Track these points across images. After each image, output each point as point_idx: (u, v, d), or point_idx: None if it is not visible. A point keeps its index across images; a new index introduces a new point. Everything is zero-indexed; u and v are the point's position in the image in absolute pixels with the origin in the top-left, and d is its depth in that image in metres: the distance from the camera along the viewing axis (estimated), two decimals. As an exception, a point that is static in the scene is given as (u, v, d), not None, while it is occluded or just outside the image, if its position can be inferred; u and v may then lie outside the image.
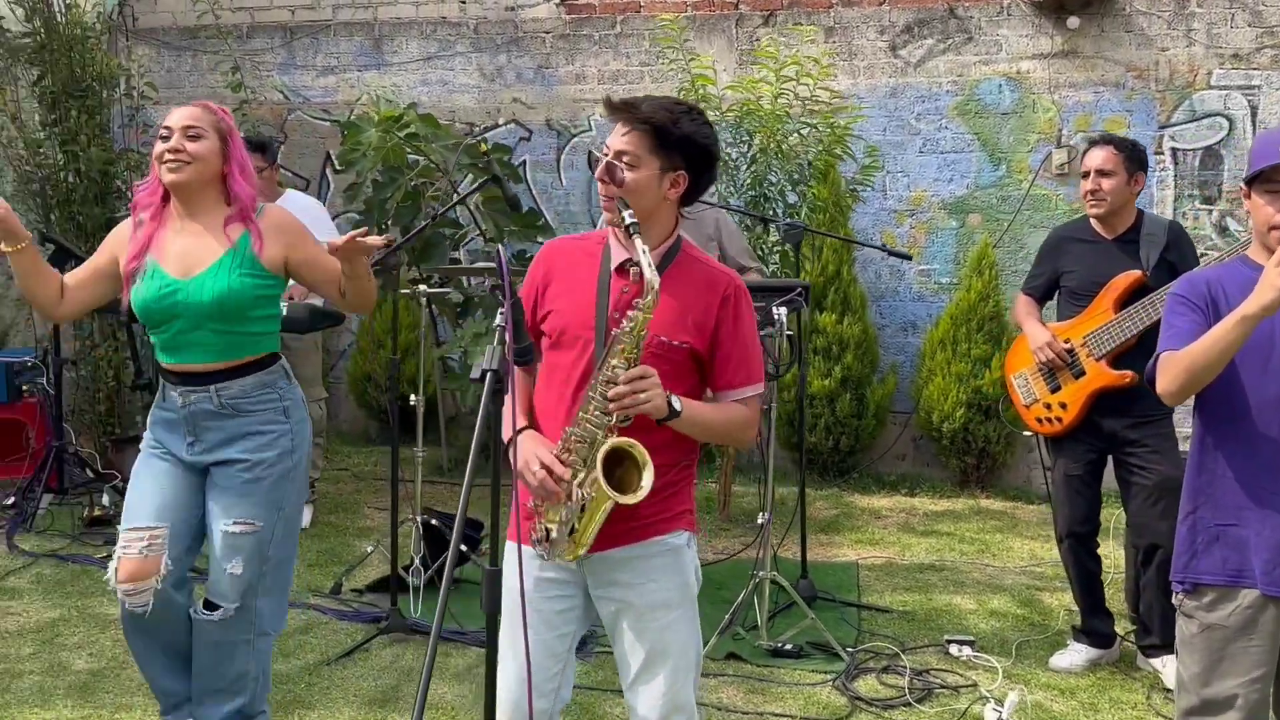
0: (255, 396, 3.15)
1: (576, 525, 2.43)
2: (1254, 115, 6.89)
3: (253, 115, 8.05)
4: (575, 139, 8.05)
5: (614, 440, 2.38)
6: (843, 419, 7.01)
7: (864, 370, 7.06)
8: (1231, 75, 6.92)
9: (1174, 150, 7.07)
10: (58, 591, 4.90)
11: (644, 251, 2.35)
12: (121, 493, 6.10)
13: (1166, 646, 4.15)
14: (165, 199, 3.18)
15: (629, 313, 2.38)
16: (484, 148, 4.62)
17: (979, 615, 4.86)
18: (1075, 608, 4.77)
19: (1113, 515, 4.57)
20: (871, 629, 4.65)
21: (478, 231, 7.13)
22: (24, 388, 6.16)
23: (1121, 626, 4.44)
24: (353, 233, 3.06)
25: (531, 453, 2.46)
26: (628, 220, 2.39)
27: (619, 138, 2.49)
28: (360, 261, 3.11)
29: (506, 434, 2.52)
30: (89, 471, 6.41)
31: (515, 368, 2.40)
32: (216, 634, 3.19)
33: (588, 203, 8.04)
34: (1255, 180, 2.58)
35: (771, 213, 6.05)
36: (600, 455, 2.36)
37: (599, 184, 2.52)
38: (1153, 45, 7.07)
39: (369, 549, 5.19)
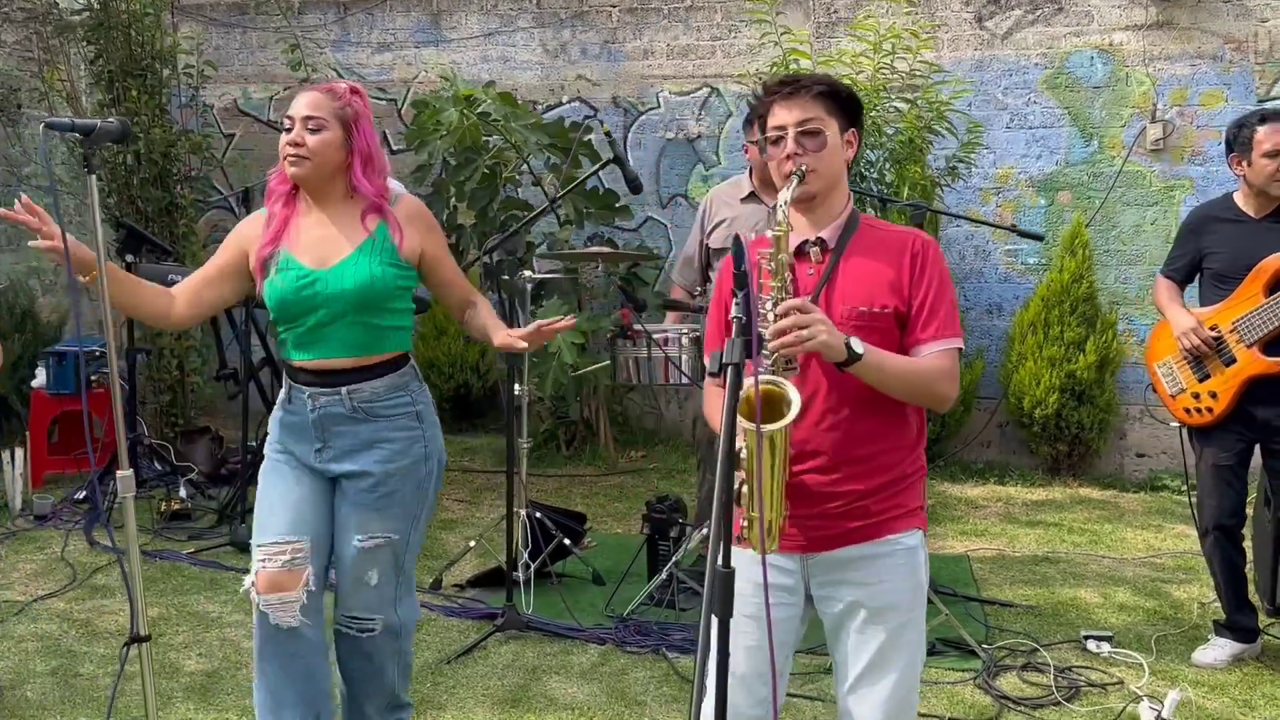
0: (387, 400, 3.06)
1: (757, 499, 2.30)
2: (1360, 87, 6.80)
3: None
4: (643, 117, 8.00)
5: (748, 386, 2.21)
6: (930, 405, 6.96)
7: (951, 355, 7.00)
8: (1338, 45, 6.84)
9: (1275, 124, 6.98)
10: (151, 589, 4.89)
11: (781, 204, 2.35)
12: (197, 486, 6.11)
13: (1319, 642, 4.12)
14: (297, 188, 3.12)
15: (763, 246, 2.35)
16: (606, 130, 4.53)
17: (1106, 609, 4.82)
18: (1207, 600, 4.77)
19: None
20: (999, 624, 4.62)
21: (538, 212, 7.10)
22: (93, 378, 6.14)
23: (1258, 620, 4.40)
24: (543, 323, 3.05)
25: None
26: (793, 177, 2.40)
27: (793, 110, 2.46)
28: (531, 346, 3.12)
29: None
30: (157, 464, 6.41)
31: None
32: (366, 646, 3.15)
33: (656, 183, 7.99)
34: None
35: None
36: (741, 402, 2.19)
37: (784, 165, 2.47)
38: (1251, 16, 6.99)
39: (470, 543, 5.17)
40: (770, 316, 2.31)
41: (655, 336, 4.51)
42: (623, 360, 4.62)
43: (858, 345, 2.31)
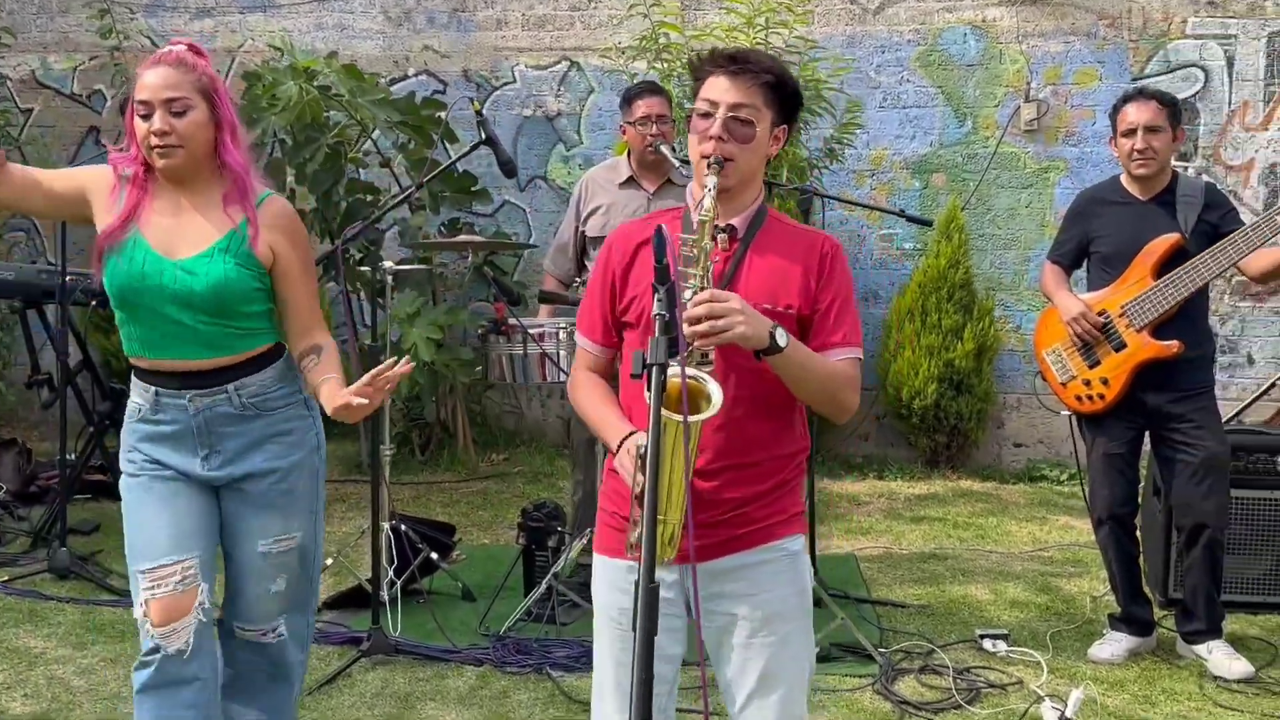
0: (277, 391, 3.01)
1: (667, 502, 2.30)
2: (1230, 66, 7.21)
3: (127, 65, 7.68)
4: (497, 92, 7.93)
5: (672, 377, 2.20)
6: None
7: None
8: (1207, 24, 7.22)
9: (1147, 104, 7.34)
10: (-43, 623, 4.63)
11: (708, 188, 2.34)
12: (4, 506, 5.80)
13: (1212, 632, 4.35)
14: (149, 166, 2.98)
15: (686, 233, 2.36)
16: (476, 106, 4.45)
17: (999, 606, 5.00)
18: (1099, 594, 4.99)
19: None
20: (892, 626, 4.74)
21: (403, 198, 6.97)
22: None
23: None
24: (383, 370, 2.82)
25: (627, 446, 2.43)
26: (711, 167, 2.39)
27: (732, 91, 2.45)
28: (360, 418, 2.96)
29: (613, 439, 2.49)
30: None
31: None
32: (272, 657, 3.11)
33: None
34: None
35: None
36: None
37: (704, 144, 2.47)
38: (1124, -9, 7.32)
39: (327, 561, 5.04)
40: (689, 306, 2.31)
41: (531, 332, 4.47)
42: (495, 358, 4.56)
43: (782, 336, 2.33)
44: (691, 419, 2.21)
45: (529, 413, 8.05)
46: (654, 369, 2.09)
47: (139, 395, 2.99)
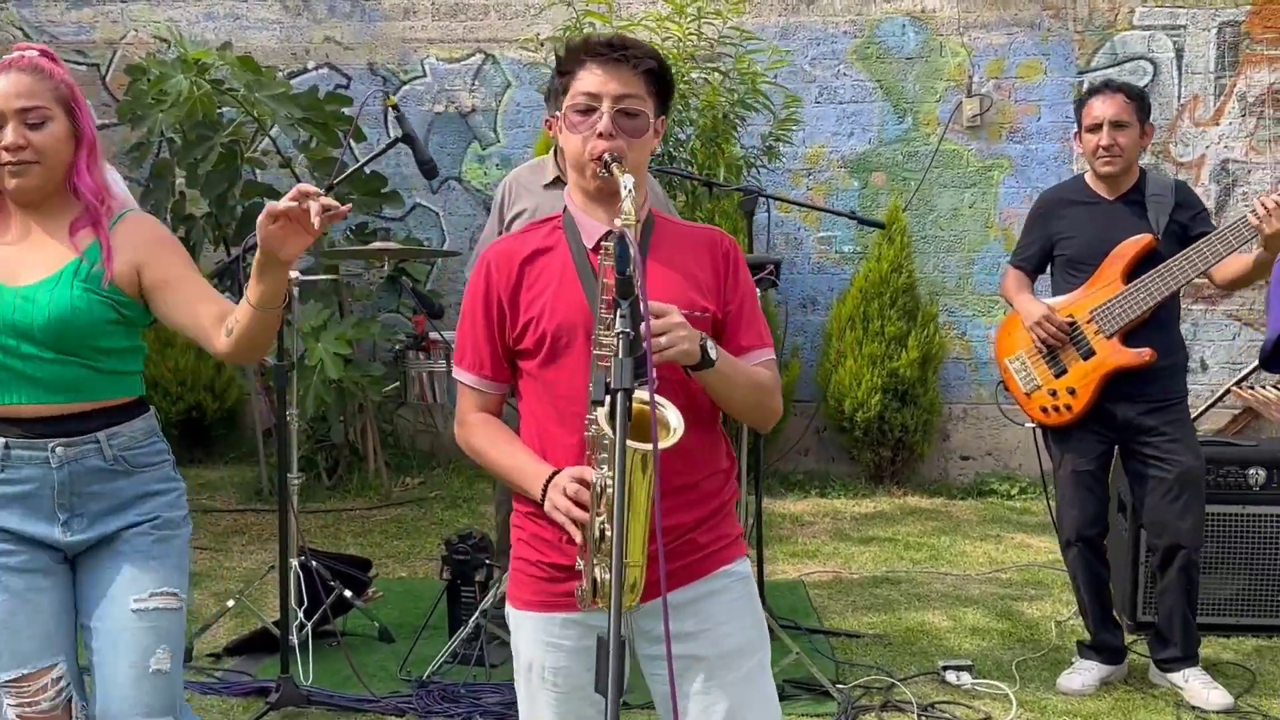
0: (145, 446, 2.73)
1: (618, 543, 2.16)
2: (1179, 58, 7.23)
3: (-5, 57, 7.30)
4: (406, 87, 7.70)
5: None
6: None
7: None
8: (1155, 14, 7.24)
9: (1093, 99, 7.34)
10: None
11: (626, 188, 2.17)
12: None
13: (1189, 659, 4.27)
14: None
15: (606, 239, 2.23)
16: (392, 101, 4.23)
17: (959, 634, 4.89)
18: (1063, 618, 4.92)
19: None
20: (848, 658, 4.61)
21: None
22: None
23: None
24: (302, 187, 2.41)
25: (558, 487, 2.25)
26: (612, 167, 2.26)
27: (614, 81, 2.31)
28: (297, 248, 2.68)
29: (534, 485, 2.31)
30: None
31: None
32: None
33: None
34: None
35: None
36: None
37: (593, 143, 2.31)
38: (1069, -20, 7.32)
39: (229, 603, 4.77)
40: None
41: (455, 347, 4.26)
42: (415, 375, 4.36)
43: (712, 348, 2.23)
44: (661, 445, 2.05)
45: (445, 432, 7.81)
46: (619, 394, 1.91)
47: None
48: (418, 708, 4.13)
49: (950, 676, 4.39)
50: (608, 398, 1.95)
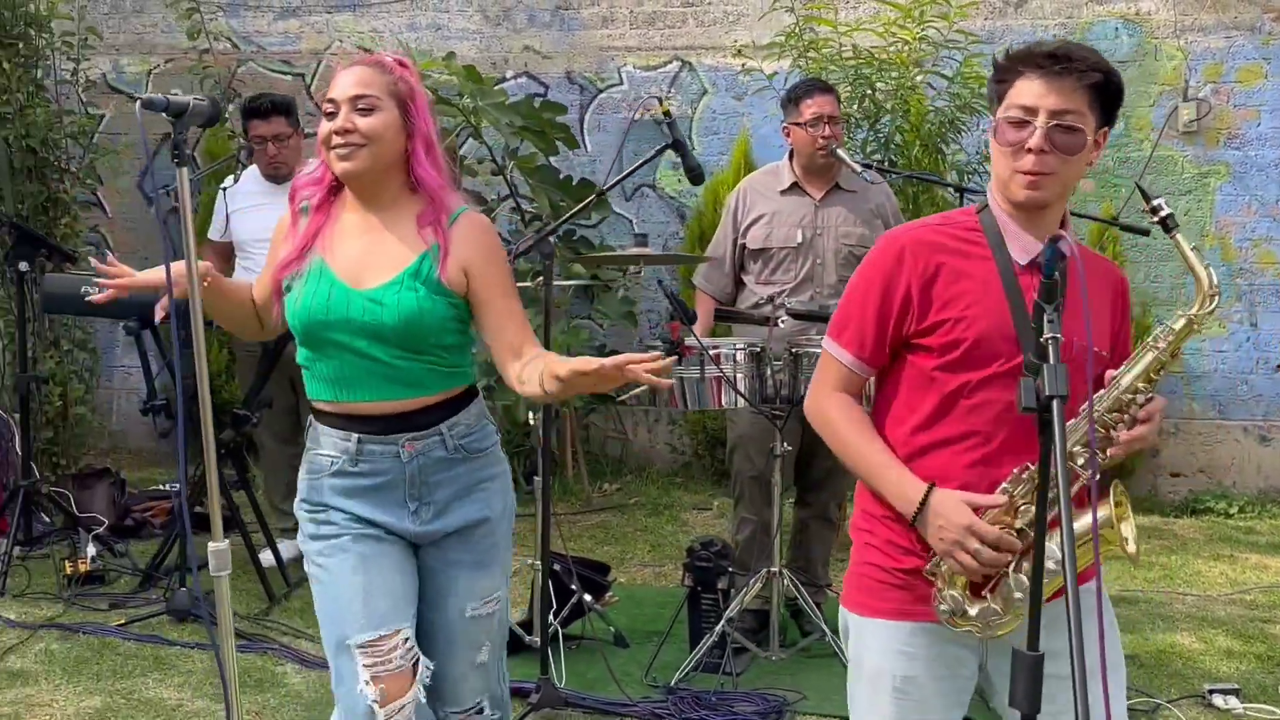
0: (479, 431, 2.86)
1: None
2: None
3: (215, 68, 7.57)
4: (603, 94, 7.77)
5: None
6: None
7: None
8: (1387, 16, 6.98)
9: (1319, 103, 7.11)
10: (83, 672, 4.44)
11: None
12: (104, 541, 5.65)
13: None
14: (335, 189, 2.83)
15: (1176, 322, 2.27)
16: (665, 108, 4.25)
17: (1213, 656, 4.74)
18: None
19: None
20: (1102, 678, 4.50)
21: (513, 206, 6.81)
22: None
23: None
24: (634, 357, 2.46)
25: (965, 524, 2.26)
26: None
27: (1054, 95, 2.25)
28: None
29: (903, 492, 2.34)
30: (46, 517, 5.93)
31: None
32: None
33: (618, 172, 7.73)
34: None
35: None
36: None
37: (1020, 158, 2.28)
38: (1289, -18, 7.10)
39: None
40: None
41: (711, 353, 4.27)
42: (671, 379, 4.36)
43: None
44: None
45: (635, 439, 7.86)
46: (1055, 402, 1.89)
47: (332, 446, 2.78)
48: (674, 713, 4.15)
49: (1217, 700, 4.27)
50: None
